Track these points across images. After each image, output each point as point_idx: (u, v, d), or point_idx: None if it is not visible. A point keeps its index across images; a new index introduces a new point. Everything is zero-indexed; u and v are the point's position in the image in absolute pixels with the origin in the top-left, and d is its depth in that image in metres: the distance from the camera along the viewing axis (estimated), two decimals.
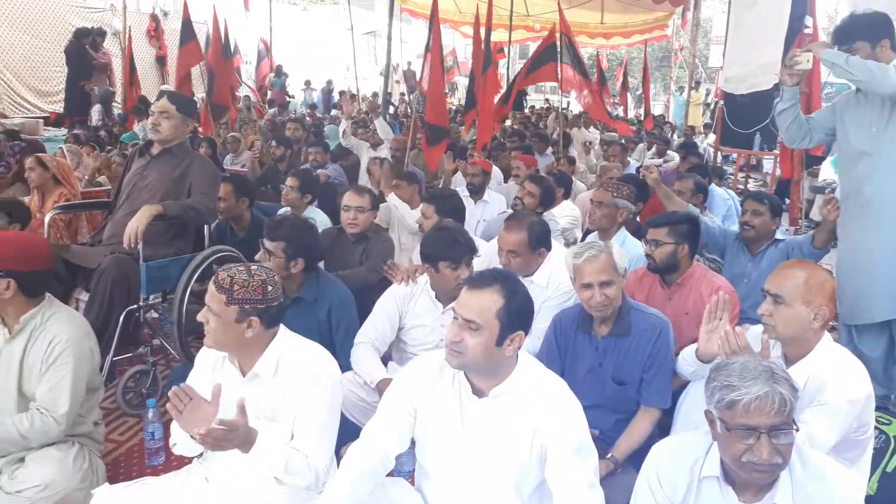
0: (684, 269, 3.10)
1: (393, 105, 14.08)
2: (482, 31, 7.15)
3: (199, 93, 11.75)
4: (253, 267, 2.13)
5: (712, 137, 13.01)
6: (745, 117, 8.97)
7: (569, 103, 17.66)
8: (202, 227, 3.54)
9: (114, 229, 3.41)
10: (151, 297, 3.26)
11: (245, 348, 2.11)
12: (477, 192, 5.23)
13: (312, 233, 3.03)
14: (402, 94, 17.18)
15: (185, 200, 3.40)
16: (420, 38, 20.17)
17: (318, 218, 4.88)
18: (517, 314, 1.91)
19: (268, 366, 2.12)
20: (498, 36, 13.39)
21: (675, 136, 12.90)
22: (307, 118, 11.85)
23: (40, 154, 4.97)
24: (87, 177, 5.78)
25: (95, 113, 10.08)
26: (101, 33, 10.62)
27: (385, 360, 3.08)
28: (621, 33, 17.68)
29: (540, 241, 3.09)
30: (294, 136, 7.59)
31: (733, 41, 7.30)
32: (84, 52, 10.71)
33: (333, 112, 14.82)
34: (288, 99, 15.08)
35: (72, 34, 10.82)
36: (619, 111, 15.94)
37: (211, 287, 2.06)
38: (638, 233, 3.87)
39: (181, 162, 3.53)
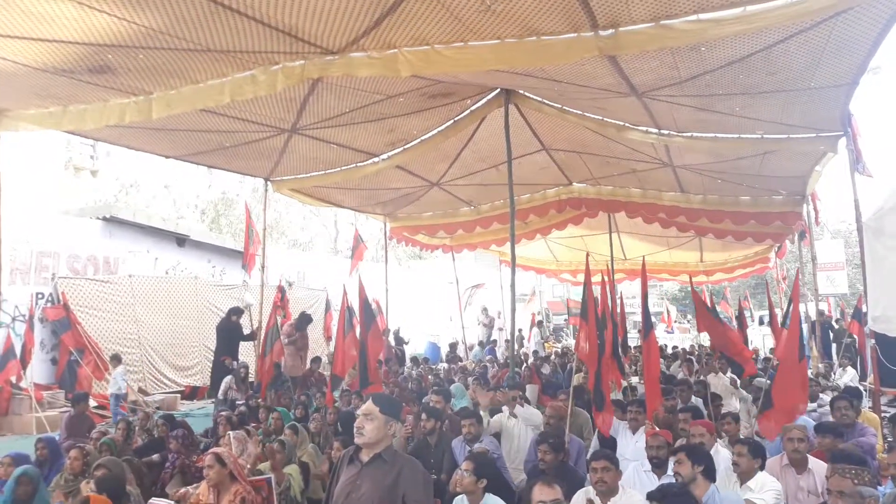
0: None
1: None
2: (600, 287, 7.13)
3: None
4: None
5: (851, 373, 12.24)
6: None
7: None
8: None
9: None
10: None
11: None
12: (661, 465, 4.88)
13: None
14: (507, 341, 17.40)
15: None
16: (519, 284, 20.90)
17: None
18: None
19: None
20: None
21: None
22: (430, 376, 11.92)
23: (217, 450, 4.99)
24: (249, 465, 5.74)
25: (223, 384, 10.15)
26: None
27: None
28: (722, 269, 17.84)
29: None
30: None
31: (875, 282, 7.03)
32: (235, 327, 11.26)
33: (442, 365, 14.96)
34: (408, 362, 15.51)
35: (225, 312, 11.47)
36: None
37: None
38: None
39: (392, 468, 3.44)
